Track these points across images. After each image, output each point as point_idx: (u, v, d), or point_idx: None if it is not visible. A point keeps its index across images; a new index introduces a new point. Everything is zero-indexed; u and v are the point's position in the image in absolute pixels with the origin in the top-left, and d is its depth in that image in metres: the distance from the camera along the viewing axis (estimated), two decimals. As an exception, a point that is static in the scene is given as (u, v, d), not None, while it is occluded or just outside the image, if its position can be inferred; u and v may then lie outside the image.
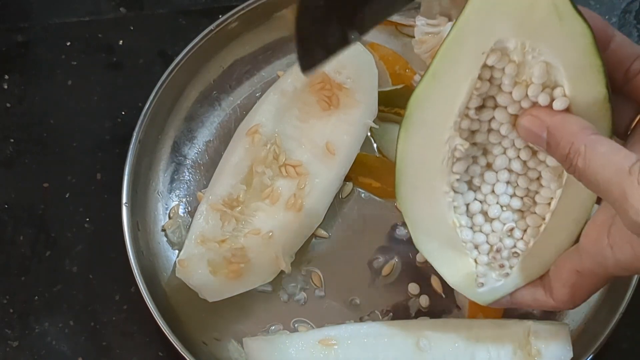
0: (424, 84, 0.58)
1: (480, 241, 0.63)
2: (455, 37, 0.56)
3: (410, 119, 0.59)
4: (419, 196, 0.61)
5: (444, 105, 0.58)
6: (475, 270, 0.64)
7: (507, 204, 0.62)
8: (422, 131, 0.59)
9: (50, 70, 0.90)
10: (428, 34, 0.86)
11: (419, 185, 0.61)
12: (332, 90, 0.82)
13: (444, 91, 0.58)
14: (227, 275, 0.77)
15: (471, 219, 0.63)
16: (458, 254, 0.63)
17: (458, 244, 0.63)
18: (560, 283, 0.63)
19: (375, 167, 0.84)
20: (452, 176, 0.60)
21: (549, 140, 0.55)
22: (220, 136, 0.86)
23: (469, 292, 0.65)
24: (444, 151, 0.60)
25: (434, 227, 0.63)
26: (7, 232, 0.84)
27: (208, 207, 0.79)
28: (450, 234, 0.63)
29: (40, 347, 0.80)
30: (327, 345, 0.74)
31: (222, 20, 0.85)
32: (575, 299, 0.64)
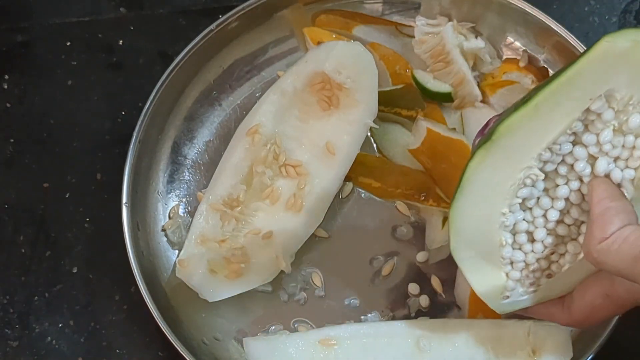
0: (523, 112, 0.59)
1: (518, 259, 0.64)
2: (569, 79, 0.57)
3: (497, 142, 0.60)
4: (475, 210, 0.62)
5: (535, 137, 0.59)
6: (505, 283, 0.65)
7: (553, 228, 0.63)
8: (503, 154, 0.60)
9: (50, 70, 0.90)
10: (428, 34, 0.87)
11: (480, 201, 0.62)
12: (332, 90, 0.82)
13: (540, 124, 0.59)
14: (227, 275, 0.77)
15: (514, 236, 0.63)
16: (492, 267, 0.64)
17: (495, 258, 0.64)
18: (583, 302, 0.64)
19: (375, 167, 0.84)
20: (514, 200, 0.62)
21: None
22: (220, 136, 0.86)
23: (493, 302, 0.66)
24: (517, 177, 0.61)
25: (477, 239, 0.64)
26: (7, 232, 0.84)
27: (208, 207, 0.79)
28: (491, 249, 0.64)
29: (40, 347, 0.80)
30: (327, 345, 0.74)
31: (222, 20, 0.85)
32: (590, 320, 0.64)
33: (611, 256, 0.56)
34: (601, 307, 0.63)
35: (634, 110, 0.57)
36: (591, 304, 0.63)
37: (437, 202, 0.81)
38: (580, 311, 0.64)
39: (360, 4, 0.89)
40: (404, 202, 0.83)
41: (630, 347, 0.79)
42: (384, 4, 0.89)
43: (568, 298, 0.65)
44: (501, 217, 0.62)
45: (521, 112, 0.59)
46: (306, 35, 0.87)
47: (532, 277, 0.65)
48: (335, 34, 0.87)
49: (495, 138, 0.59)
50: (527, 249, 0.64)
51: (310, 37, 0.87)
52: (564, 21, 0.84)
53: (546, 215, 0.62)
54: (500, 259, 0.64)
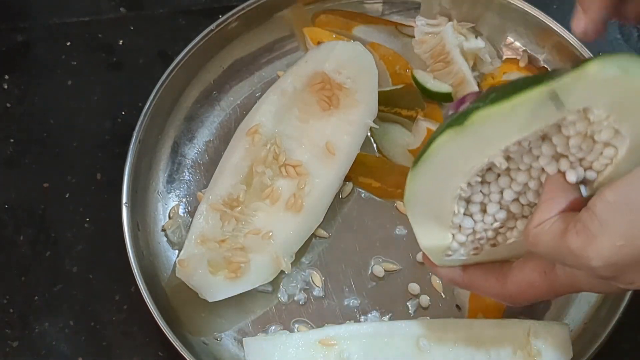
0: (499, 109, 0.59)
1: (466, 225, 0.65)
2: (551, 91, 0.57)
3: (468, 129, 0.60)
4: (434, 179, 0.63)
5: (507, 133, 0.60)
6: (449, 244, 0.65)
7: (507, 205, 0.63)
8: (472, 141, 0.60)
9: (50, 70, 0.90)
10: (428, 34, 0.87)
11: (440, 172, 0.62)
12: (332, 90, 0.82)
13: (514, 123, 0.59)
14: (227, 275, 0.77)
15: (467, 205, 0.64)
16: (440, 227, 0.65)
17: (445, 221, 0.64)
18: (520, 275, 0.63)
19: (375, 167, 0.84)
20: (474, 178, 0.62)
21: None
22: (220, 136, 0.86)
23: (434, 256, 0.67)
24: (482, 161, 0.61)
25: (431, 203, 0.64)
26: (7, 232, 0.84)
27: (208, 207, 0.79)
28: (443, 213, 0.64)
29: (40, 347, 0.80)
30: (327, 345, 0.74)
31: (222, 20, 0.85)
32: (522, 297, 0.64)
33: (541, 239, 0.58)
34: (537, 285, 0.63)
35: (608, 126, 0.58)
36: (528, 279, 0.63)
37: (437, 202, 0.81)
38: (516, 285, 0.64)
39: (360, 4, 0.89)
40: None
41: (630, 347, 0.79)
42: (384, 4, 0.89)
43: (506, 268, 0.65)
44: (458, 189, 0.63)
45: (497, 108, 0.59)
46: (306, 35, 0.87)
47: (477, 243, 0.65)
48: (335, 34, 0.87)
49: (467, 124, 0.59)
50: (477, 219, 0.64)
51: (310, 37, 0.87)
52: (564, 21, 0.84)
53: (502, 193, 0.63)
54: (450, 222, 0.64)
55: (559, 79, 0.57)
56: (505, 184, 0.63)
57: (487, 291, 0.66)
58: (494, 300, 0.78)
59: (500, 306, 0.78)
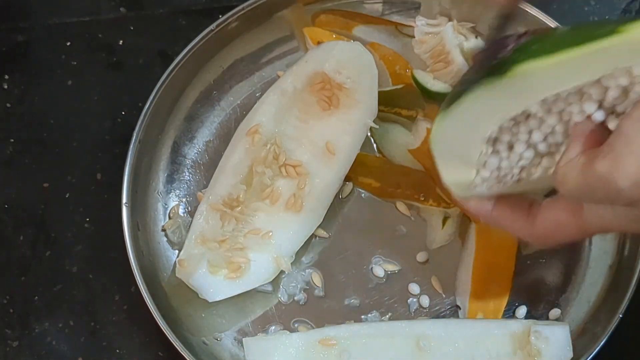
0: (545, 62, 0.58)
1: (492, 162, 0.64)
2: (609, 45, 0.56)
3: (509, 81, 0.59)
4: (466, 121, 0.63)
5: (550, 86, 0.59)
6: (473, 179, 0.65)
7: (534, 144, 0.63)
8: (510, 93, 0.60)
9: (50, 70, 0.90)
10: (428, 34, 0.87)
11: (472, 117, 0.62)
12: (332, 90, 0.82)
13: (561, 75, 0.58)
14: (227, 275, 0.77)
15: (493, 143, 0.64)
16: (465, 164, 0.65)
17: (471, 158, 0.64)
18: (549, 215, 0.62)
19: (375, 167, 0.84)
20: (506, 123, 0.62)
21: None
22: (220, 136, 0.86)
23: (457, 190, 0.66)
24: (518, 110, 0.61)
25: (459, 141, 0.64)
26: (7, 232, 0.84)
27: (208, 207, 0.79)
28: (470, 151, 0.64)
29: (40, 347, 0.80)
30: (327, 345, 0.74)
31: (222, 20, 0.85)
32: (552, 238, 0.63)
33: (569, 174, 0.57)
34: (566, 225, 0.61)
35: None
36: (557, 219, 0.62)
37: (437, 202, 0.81)
38: (544, 225, 0.63)
39: (360, 4, 0.89)
40: (404, 202, 0.83)
41: (630, 346, 0.79)
42: (384, 4, 0.89)
43: (535, 207, 0.64)
44: (489, 132, 0.62)
45: (540, 63, 0.58)
46: (306, 35, 0.87)
47: (500, 179, 0.65)
48: (335, 34, 0.87)
49: (508, 76, 0.59)
50: (503, 156, 0.64)
51: (310, 37, 0.87)
52: (564, 21, 0.84)
53: (531, 133, 0.62)
54: (476, 160, 0.64)
55: (604, 39, 0.56)
56: (535, 125, 0.62)
57: (515, 229, 0.65)
58: (494, 301, 0.78)
59: (500, 306, 0.78)
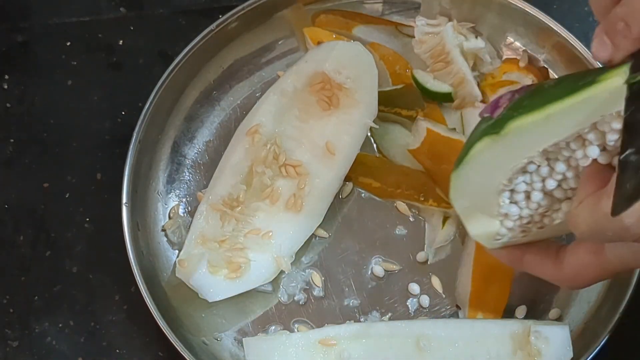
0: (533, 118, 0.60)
1: (513, 212, 0.66)
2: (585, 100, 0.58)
3: (505, 137, 0.61)
4: (475, 177, 0.65)
5: (544, 138, 0.61)
6: (498, 229, 0.67)
7: (550, 191, 0.64)
8: (510, 147, 0.62)
9: (50, 70, 0.90)
10: (428, 34, 0.86)
11: (481, 173, 0.64)
12: (332, 90, 0.82)
13: (551, 130, 0.60)
14: (227, 275, 0.77)
15: (511, 195, 0.65)
16: (487, 217, 0.66)
17: (492, 211, 0.66)
18: (574, 258, 0.64)
19: (375, 167, 0.84)
20: (515, 174, 0.63)
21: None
22: (220, 136, 0.86)
23: (484, 242, 0.68)
24: (521, 161, 0.62)
25: (476, 197, 0.66)
26: (7, 232, 0.84)
27: (208, 207, 0.79)
28: (488, 205, 0.66)
29: (40, 347, 0.80)
30: (327, 345, 0.74)
31: (222, 20, 0.85)
32: (579, 279, 0.65)
33: (580, 216, 0.58)
34: (590, 267, 0.63)
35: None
36: (581, 262, 0.63)
37: (437, 202, 0.81)
38: (571, 267, 0.64)
39: (360, 4, 0.89)
40: (404, 202, 0.83)
41: (630, 347, 0.79)
42: (384, 4, 0.89)
43: (562, 252, 0.65)
44: (500, 185, 0.64)
45: (531, 118, 0.60)
46: (306, 35, 0.87)
47: (524, 227, 0.66)
48: (335, 34, 0.87)
49: (503, 134, 0.61)
50: (522, 205, 0.65)
51: (310, 37, 0.87)
52: (564, 21, 0.84)
53: (544, 181, 0.64)
54: (496, 212, 0.66)
55: (586, 89, 0.58)
56: (546, 173, 0.63)
57: (545, 275, 0.67)
58: (494, 301, 0.78)
59: (500, 306, 0.78)
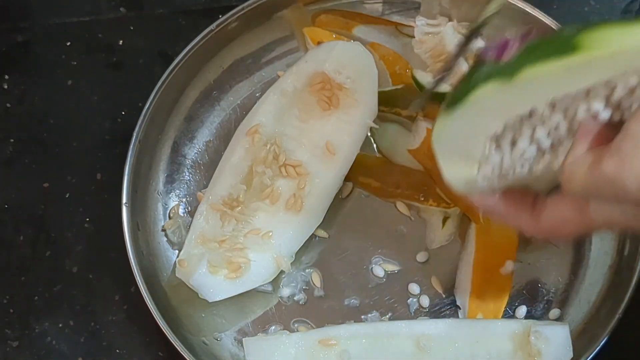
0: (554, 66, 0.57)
1: (495, 159, 0.64)
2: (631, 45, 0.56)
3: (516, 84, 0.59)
4: (470, 120, 0.62)
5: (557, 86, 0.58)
6: (475, 176, 0.64)
7: (537, 140, 0.62)
8: (518, 94, 0.59)
9: (50, 70, 0.90)
10: (428, 34, 0.86)
11: (477, 116, 0.62)
12: (332, 90, 0.82)
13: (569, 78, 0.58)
14: (227, 275, 0.77)
15: (497, 140, 0.63)
16: (466, 161, 0.64)
17: (474, 156, 0.64)
18: (555, 211, 0.62)
19: (375, 167, 0.84)
20: (510, 121, 0.62)
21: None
22: (220, 136, 0.86)
23: (459, 186, 0.66)
24: (525, 110, 0.60)
25: (462, 140, 0.64)
26: (7, 232, 0.84)
27: (208, 207, 0.79)
28: (473, 148, 0.64)
29: (40, 347, 0.80)
30: (327, 345, 0.74)
31: (222, 20, 0.85)
32: (557, 233, 0.63)
33: (576, 173, 0.57)
34: (571, 221, 0.61)
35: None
36: (562, 216, 0.62)
37: (437, 202, 0.81)
38: (549, 221, 0.63)
39: (360, 4, 0.89)
40: (404, 202, 0.83)
41: (630, 347, 0.79)
42: (384, 4, 0.89)
43: (540, 204, 0.64)
44: (494, 130, 0.62)
45: (549, 67, 0.58)
46: (306, 35, 0.87)
47: (503, 174, 0.64)
48: (335, 34, 0.87)
49: (515, 79, 0.59)
50: (505, 152, 0.63)
51: (310, 37, 0.87)
52: (564, 21, 0.84)
53: (534, 129, 0.62)
54: (478, 157, 0.64)
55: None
56: (539, 121, 0.61)
57: (519, 224, 0.65)
58: (494, 301, 0.78)
59: (500, 306, 0.78)
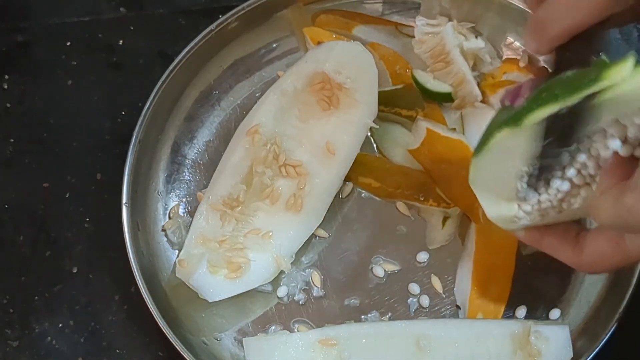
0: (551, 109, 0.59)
1: (532, 197, 0.66)
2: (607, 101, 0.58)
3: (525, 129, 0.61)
4: (495, 164, 0.65)
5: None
6: (516, 212, 0.67)
7: (569, 178, 0.64)
8: (530, 137, 0.62)
9: (50, 70, 0.90)
10: (428, 34, 0.86)
11: (500, 160, 0.64)
12: (332, 90, 0.82)
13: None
14: (227, 275, 0.77)
15: (530, 179, 0.65)
16: (505, 201, 0.67)
17: (511, 196, 0.66)
18: (594, 246, 0.64)
19: (375, 167, 0.84)
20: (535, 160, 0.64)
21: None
22: (220, 136, 0.86)
23: (503, 224, 0.68)
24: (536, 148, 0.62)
25: (495, 183, 0.66)
26: (7, 232, 0.84)
27: (208, 207, 0.79)
28: (508, 190, 0.66)
29: (40, 347, 0.80)
30: (327, 345, 0.74)
31: (222, 20, 0.85)
32: (598, 266, 0.65)
33: (602, 207, 0.59)
34: (610, 255, 0.63)
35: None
36: (601, 250, 0.64)
37: (437, 202, 0.81)
38: (591, 254, 0.65)
39: (360, 4, 0.89)
40: (404, 202, 0.83)
41: (630, 347, 0.79)
42: (384, 4, 0.89)
43: (582, 238, 0.66)
44: (520, 171, 0.64)
45: (549, 110, 0.60)
46: (306, 35, 0.87)
47: (543, 211, 0.67)
48: (335, 34, 0.87)
49: (523, 125, 0.61)
50: (541, 191, 0.66)
51: (310, 37, 0.87)
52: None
53: (564, 169, 0.64)
54: (515, 196, 0.66)
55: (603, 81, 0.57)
56: (567, 161, 0.63)
57: (564, 259, 0.67)
58: (494, 301, 0.78)
59: (500, 306, 0.78)
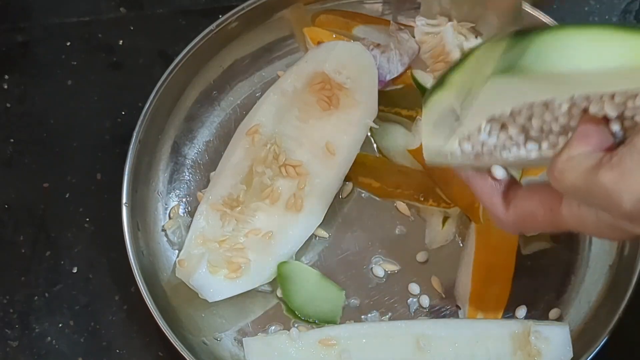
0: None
1: (480, 139, 0.63)
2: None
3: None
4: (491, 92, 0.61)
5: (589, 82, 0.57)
6: (453, 148, 0.64)
7: (528, 130, 0.61)
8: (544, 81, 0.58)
9: (50, 70, 0.90)
10: (428, 34, 0.86)
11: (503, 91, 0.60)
12: (332, 90, 0.82)
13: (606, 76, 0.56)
14: (227, 275, 0.77)
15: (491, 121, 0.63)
16: (452, 133, 0.64)
17: (463, 129, 0.63)
18: (524, 206, 0.62)
19: (375, 167, 0.84)
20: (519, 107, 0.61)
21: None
22: (220, 136, 0.86)
23: (431, 155, 0.66)
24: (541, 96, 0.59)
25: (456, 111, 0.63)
26: (7, 232, 0.84)
27: (208, 207, 0.79)
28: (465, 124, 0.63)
29: (40, 347, 0.80)
30: (327, 345, 0.74)
31: (222, 20, 0.85)
32: (524, 225, 0.63)
33: (569, 174, 0.56)
34: (539, 218, 0.61)
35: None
36: (531, 210, 0.61)
37: (437, 202, 0.81)
38: (518, 213, 0.62)
39: (360, 4, 0.89)
40: (404, 202, 0.83)
41: (630, 347, 0.79)
42: (384, 4, 0.89)
43: (512, 192, 0.63)
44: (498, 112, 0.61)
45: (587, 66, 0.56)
46: (306, 35, 0.87)
47: (479, 154, 0.64)
48: (335, 34, 0.87)
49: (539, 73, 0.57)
50: (493, 134, 0.63)
51: (310, 37, 0.87)
52: (564, 21, 0.84)
53: (530, 118, 0.61)
54: (465, 133, 0.63)
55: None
56: (538, 112, 0.60)
57: (490, 207, 0.65)
58: (493, 301, 0.78)
59: (500, 306, 0.78)
